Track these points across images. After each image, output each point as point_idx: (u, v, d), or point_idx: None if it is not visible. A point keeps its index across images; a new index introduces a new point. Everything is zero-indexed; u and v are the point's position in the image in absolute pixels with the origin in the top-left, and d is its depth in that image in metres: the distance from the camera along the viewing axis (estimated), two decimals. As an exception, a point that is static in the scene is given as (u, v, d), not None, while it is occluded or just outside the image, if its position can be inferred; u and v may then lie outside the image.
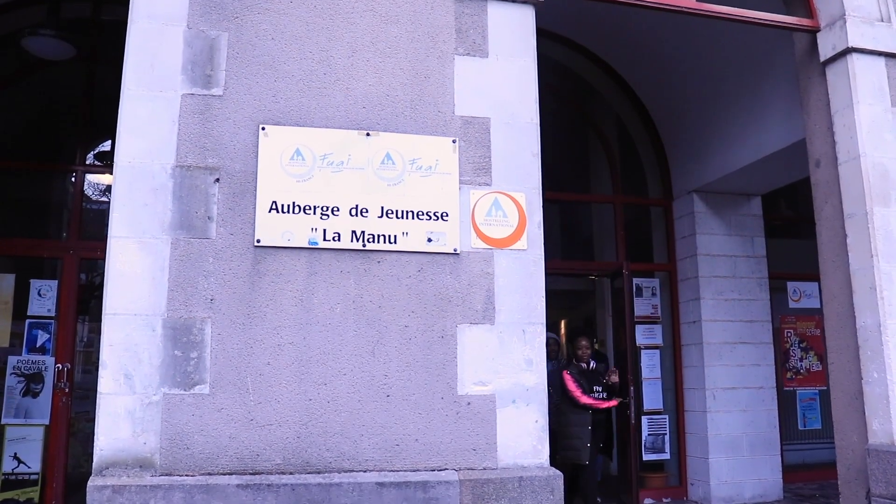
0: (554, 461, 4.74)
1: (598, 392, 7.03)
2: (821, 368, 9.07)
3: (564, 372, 7.08)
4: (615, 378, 7.24)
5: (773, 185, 8.44)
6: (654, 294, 8.49)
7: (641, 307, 8.36)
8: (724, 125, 7.93)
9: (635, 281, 8.37)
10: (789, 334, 9.47)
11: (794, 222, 9.59)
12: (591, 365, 7.28)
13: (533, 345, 4.41)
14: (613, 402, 7.17)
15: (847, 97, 5.78)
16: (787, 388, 9.31)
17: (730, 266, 8.35)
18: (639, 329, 8.25)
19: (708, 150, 8.15)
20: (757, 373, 8.25)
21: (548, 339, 6.90)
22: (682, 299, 8.39)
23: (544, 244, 4.54)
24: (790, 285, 9.43)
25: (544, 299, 4.48)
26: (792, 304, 9.51)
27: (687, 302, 8.22)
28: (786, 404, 9.20)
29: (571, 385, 6.95)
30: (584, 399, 6.87)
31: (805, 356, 9.47)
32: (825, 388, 7.30)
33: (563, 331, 13.94)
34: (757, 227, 8.65)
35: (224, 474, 3.90)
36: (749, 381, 8.13)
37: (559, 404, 6.94)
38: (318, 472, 4.01)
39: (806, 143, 6.31)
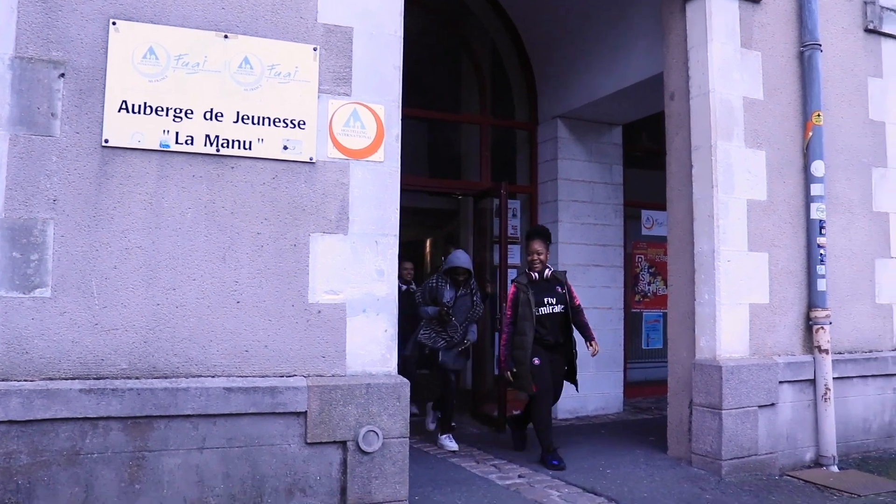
0: None
1: (553, 305, 6.24)
2: (666, 293, 9.63)
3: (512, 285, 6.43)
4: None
5: (633, 115, 8.76)
6: (514, 215, 8.72)
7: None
8: (591, 54, 8.11)
9: (497, 202, 8.56)
10: (640, 259, 10.00)
11: (652, 154, 9.95)
12: (546, 274, 6.36)
13: (385, 256, 4.49)
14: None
15: (703, 35, 6.04)
16: (635, 310, 9.87)
17: (588, 191, 8.66)
18: (498, 248, 8.47)
19: (574, 77, 8.33)
20: (607, 294, 8.68)
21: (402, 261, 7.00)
22: (541, 221, 8.65)
23: (412, 161, 4.59)
24: (644, 213, 9.92)
25: (398, 211, 4.56)
26: (644, 232, 10.01)
27: (546, 224, 8.47)
28: (632, 325, 9.77)
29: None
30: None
31: (653, 280, 10.04)
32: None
33: (428, 248, 14.14)
34: (616, 155, 8.98)
35: (66, 379, 3.83)
36: (599, 302, 8.55)
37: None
38: (166, 377, 4.01)
39: (664, 76, 6.58)
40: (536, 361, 6.08)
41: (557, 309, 6.25)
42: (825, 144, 6.26)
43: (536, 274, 6.32)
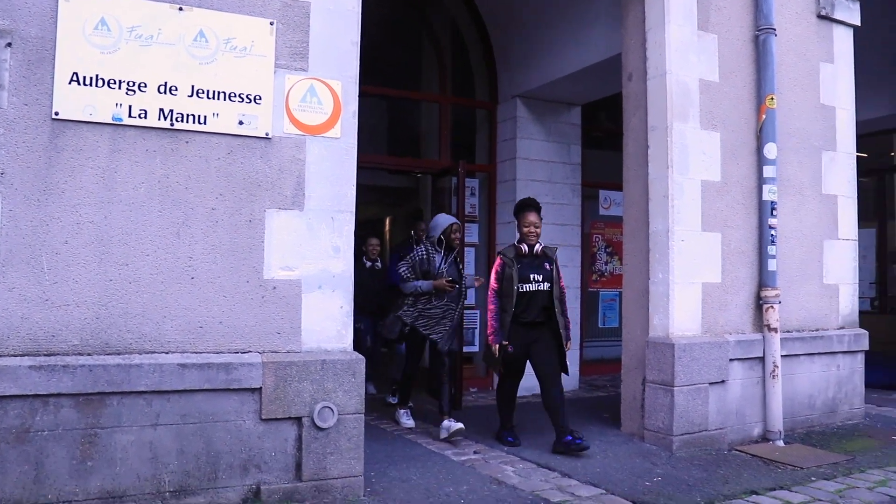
0: None
1: (539, 282, 5.87)
2: (622, 272, 9.76)
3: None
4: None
5: (592, 96, 8.81)
6: (473, 194, 8.74)
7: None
8: (551, 34, 8.13)
9: (455, 180, 8.58)
10: (597, 239, 10.11)
11: (610, 134, 10.02)
12: (536, 249, 5.96)
13: (341, 232, 4.48)
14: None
15: (660, 16, 6.09)
16: (592, 289, 9.99)
17: (547, 171, 8.71)
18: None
19: (534, 57, 8.35)
20: (564, 273, 8.59)
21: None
22: (499, 200, 8.70)
23: (372, 139, 4.57)
24: (602, 193, 10.01)
25: (355, 188, 4.54)
26: (602, 212, 10.11)
27: (504, 203, 8.53)
28: (589, 304, 9.89)
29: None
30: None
31: (610, 260, 10.16)
32: (624, 290, 7.85)
33: (387, 227, 14.13)
34: (575, 135, 9.04)
35: (15, 356, 3.77)
36: (556, 281, 8.62)
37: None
38: (118, 354, 3.97)
39: (622, 57, 6.63)
40: (510, 349, 5.81)
41: (544, 287, 5.85)
42: (778, 127, 6.37)
43: (527, 247, 5.91)
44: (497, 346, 5.81)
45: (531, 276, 5.86)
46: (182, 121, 4.14)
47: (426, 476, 4.97)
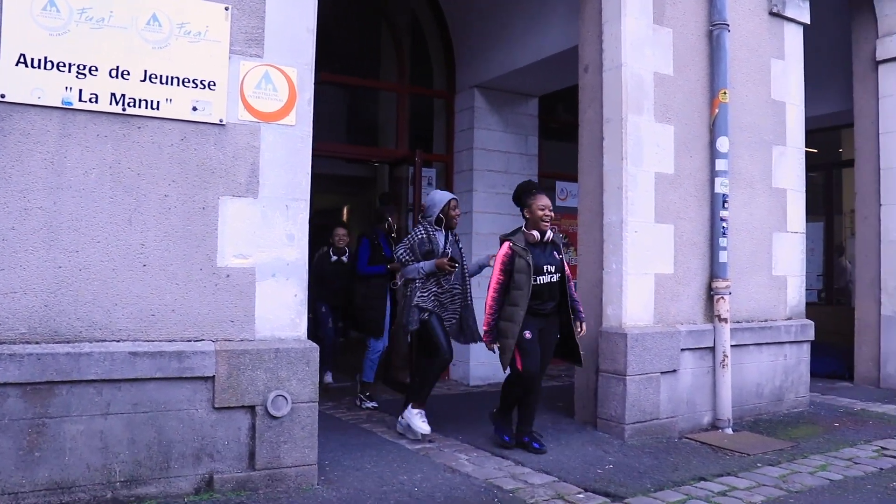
0: None
1: (551, 273, 5.43)
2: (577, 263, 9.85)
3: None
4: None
5: (548, 87, 8.88)
6: (430, 183, 8.75)
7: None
8: (509, 25, 8.16)
9: (412, 170, 8.59)
10: (554, 230, 10.15)
11: (567, 126, 10.07)
12: (548, 236, 5.54)
13: (296, 220, 4.45)
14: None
15: (616, 9, 6.14)
16: (548, 280, 10.04)
17: (503, 161, 8.76)
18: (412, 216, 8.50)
19: (492, 47, 8.38)
20: (520, 263, 8.80)
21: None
22: (456, 190, 8.71)
23: (330, 128, 4.54)
24: (559, 184, 10.08)
25: (310, 176, 4.51)
26: (559, 203, 10.15)
27: (461, 193, 8.54)
28: (545, 294, 9.95)
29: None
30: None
31: (566, 251, 10.22)
32: (581, 281, 7.92)
33: (345, 216, 14.06)
34: (532, 126, 9.11)
35: (-40, 343, 3.69)
36: (512, 271, 8.68)
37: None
38: (68, 342, 3.89)
39: (579, 49, 6.67)
40: (528, 335, 5.27)
41: (555, 278, 5.42)
42: (730, 122, 6.49)
43: (538, 234, 5.41)
44: (496, 345, 5.36)
45: (545, 267, 5.37)
46: (134, 106, 4.07)
47: (380, 464, 4.98)
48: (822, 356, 8.81)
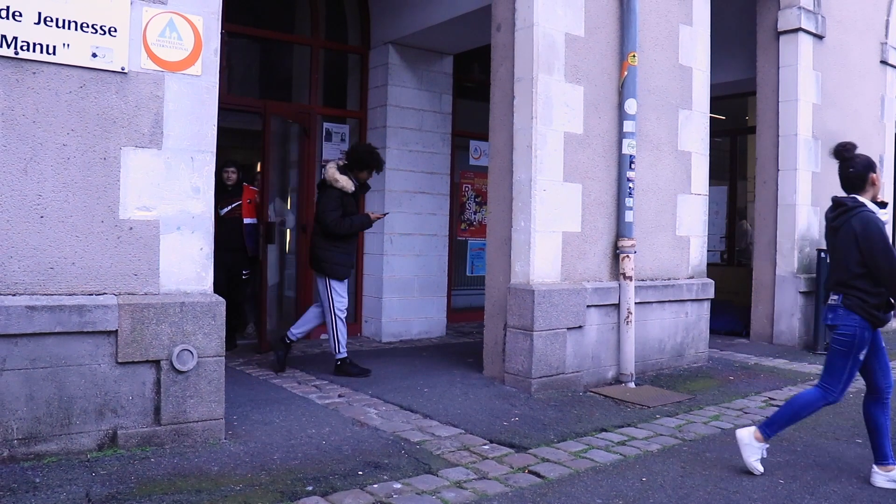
0: None
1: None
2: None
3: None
4: None
5: (464, 45, 8.86)
6: (343, 140, 8.67)
7: (330, 152, 8.49)
8: (425, -19, 8.10)
9: (326, 125, 8.51)
10: (467, 189, 10.26)
11: (482, 85, 10.06)
12: None
13: (201, 172, 4.37)
14: None
15: (530, -33, 6.15)
16: (460, 238, 10.17)
17: (417, 119, 8.74)
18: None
19: (408, 3, 8.28)
20: (433, 221, 8.88)
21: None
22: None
23: (242, 81, 4.43)
24: (472, 143, 10.15)
25: (216, 128, 4.42)
26: (472, 161, 10.27)
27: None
28: (458, 252, 10.08)
29: None
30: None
31: (479, 210, 10.35)
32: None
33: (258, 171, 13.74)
34: (446, 84, 9.10)
35: None
36: (424, 229, 8.75)
37: None
38: (-40, 296, 3.76)
39: (492, 7, 6.68)
40: None
41: None
42: (638, 84, 6.63)
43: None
44: None
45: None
46: (28, 50, 3.88)
47: (289, 419, 5.00)
48: (722, 314, 9.22)
